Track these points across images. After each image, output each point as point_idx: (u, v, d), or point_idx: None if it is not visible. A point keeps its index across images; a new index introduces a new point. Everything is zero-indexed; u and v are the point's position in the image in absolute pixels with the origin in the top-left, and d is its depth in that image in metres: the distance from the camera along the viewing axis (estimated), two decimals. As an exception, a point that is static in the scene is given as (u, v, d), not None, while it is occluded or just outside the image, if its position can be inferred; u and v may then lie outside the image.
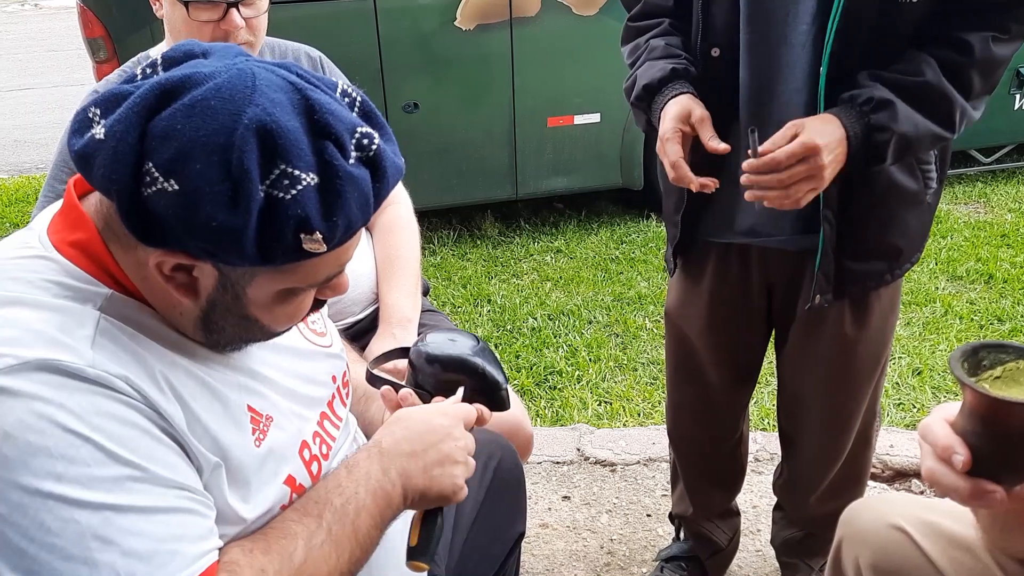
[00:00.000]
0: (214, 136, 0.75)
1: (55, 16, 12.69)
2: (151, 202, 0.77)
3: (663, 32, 1.54)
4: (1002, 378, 0.79)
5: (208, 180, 0.75)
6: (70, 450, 0.76)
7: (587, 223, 4.31)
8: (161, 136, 0.76)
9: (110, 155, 0.76)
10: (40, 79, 8.72)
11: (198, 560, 0.80)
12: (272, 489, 0.93)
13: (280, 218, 0.77)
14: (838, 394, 1.65)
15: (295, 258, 0.81)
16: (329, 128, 0.80)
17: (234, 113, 0.76)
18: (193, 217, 0.76)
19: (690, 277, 1.70)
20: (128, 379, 0.80)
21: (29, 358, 0.77)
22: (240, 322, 0.88)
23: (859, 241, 1.46)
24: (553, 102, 3.92)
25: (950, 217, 4.13)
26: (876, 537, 1.14)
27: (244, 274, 0.84)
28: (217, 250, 0.79)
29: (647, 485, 2.35)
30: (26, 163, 6.17)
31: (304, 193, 0.78)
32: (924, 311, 3.27)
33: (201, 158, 0.75)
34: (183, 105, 0.77)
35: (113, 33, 3.57)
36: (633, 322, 3.29)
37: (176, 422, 0.83)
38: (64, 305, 0.82)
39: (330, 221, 0.79)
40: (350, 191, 0.80)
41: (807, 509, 1.80)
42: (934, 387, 2.78)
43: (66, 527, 0.75)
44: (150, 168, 0.76)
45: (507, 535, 1.41)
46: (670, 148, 1.40)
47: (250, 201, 0.76)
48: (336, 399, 1.10)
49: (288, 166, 0.77)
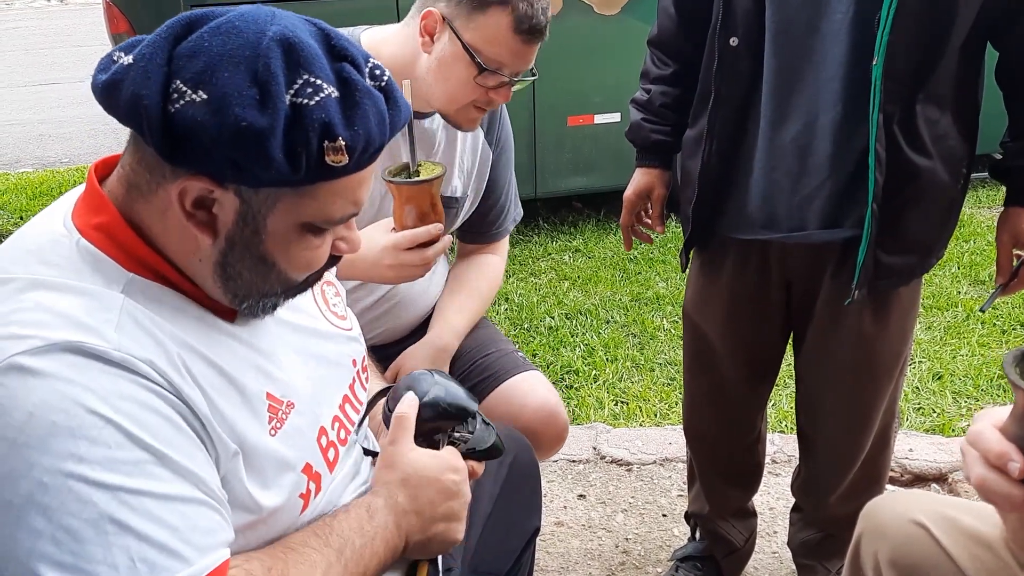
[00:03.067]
0: (240, 49, 0.79)
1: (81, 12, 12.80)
2: (179, 117, 0.78)
3: (669, 83, 1.68)
4: None
5: (236, 86, 0.78)
6: (92, 431, 0.76)
7: (606, 223, 4.30)
8: (188, 55, 0.79)
9: (139, 75, 0.79)
10: (65, 74, 8.79)
11: (210, 553, 0.81)
12: (289, 478, 0.93)
13: (305, 123, 0.79)
14: (857, 393, 1.64)
15: (318, 174, 0.82)
16: (345, 51, 0.84)
17: (258, 31, 0.80)
18: (222, 122, 0.77)
19: (708, 273, 1.70)
20: (152, 363, 0.81)
21: (55, 340, 0.77)
22: (257, 265, 0.88)
23: (896, 235, 1.46)
24: (573, 101, 3.90)
25: (972, 221, 4.08)
26: (896, 532, 1.13)
27: (266, 199, 0.84)
28: (244, 160, 0.79)
29: (663, 485, 2.34)
30: (51, 157, 6.23)
31: (326, 101, 0.80)
32: (945, 315, 3.24)
33: (228, 67, 0.78)
34: (208, 29, 0.81)
35: (138, 28, 3.60)
36: (651, 322, 3.28)
37: (198, 407, 0.84)
38: (89, 288, 0.82)
39: (352, 130, 0.82)
40: (368, 105, 0.83)
41: (825, 510, 1.79)
42: (955, 392, 2.76)
43: (84, 508, 0.75)
44: (178, 85, 0.78)
45: (522, 529, 1.41)
46: (624, 215, 1.80)
47: (277, 103, 0.78)
48: (356, 383, 1.10)
49: (311, 76, 0.80)
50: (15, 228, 4.72)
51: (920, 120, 1.40)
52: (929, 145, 1.42)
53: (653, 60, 1.71)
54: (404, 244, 1.39)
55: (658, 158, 1.73)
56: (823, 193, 1.47)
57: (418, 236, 1.39)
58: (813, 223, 1.50)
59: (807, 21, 1.39)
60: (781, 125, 1.45)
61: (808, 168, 1.46)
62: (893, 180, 1.40)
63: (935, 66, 1.37)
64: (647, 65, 1.73)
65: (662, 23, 1.68)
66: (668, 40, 1.67)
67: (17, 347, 0.77)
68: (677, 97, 1.66)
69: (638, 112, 1.73)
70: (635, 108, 1.74)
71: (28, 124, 7.16)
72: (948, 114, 1.43)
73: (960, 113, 1.45)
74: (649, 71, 1.72)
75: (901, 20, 1.31)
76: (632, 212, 1.79)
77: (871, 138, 1.38)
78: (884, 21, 1.31)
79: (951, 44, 1.36)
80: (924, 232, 1.50)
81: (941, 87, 1.40)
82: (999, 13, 1.38)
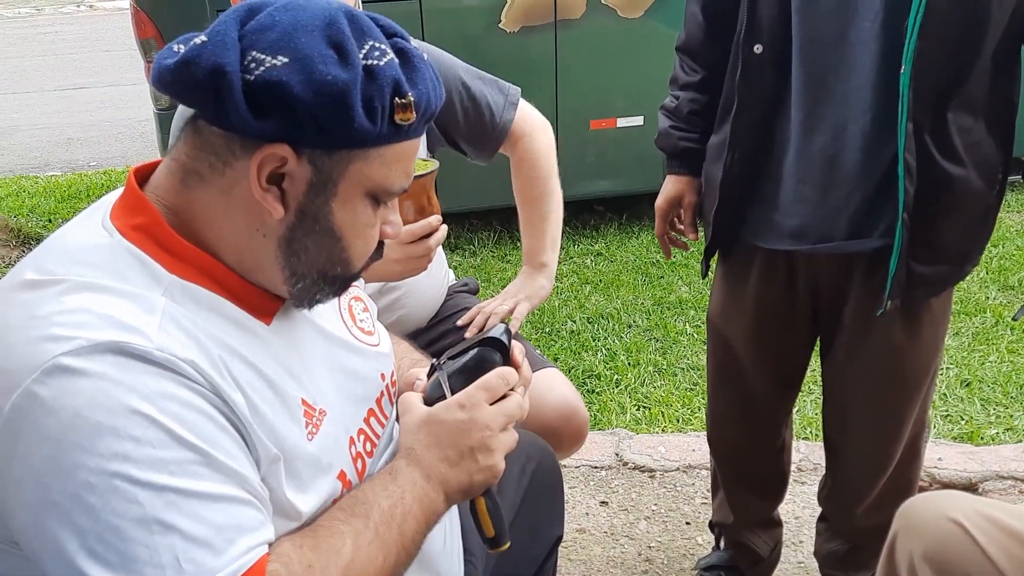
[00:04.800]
0: (312, 19, 0.84)
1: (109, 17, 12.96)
2: (260, 82, 0.81)
3: (697, 90, 1.67)
4: None
5: (316, 48, 0.82)
6: (138, 431, 0.76)
7: (628, 226, 4.28)
8: (259, 30, 0.83)
9: (217, 47, 0.81)
10: (93, 78, 8.91)
11: (252, 551, 0.81)
12: (325, 483, 0.93)
13: (379, 80, 0.85)
14: (886, 404, 1.61)
15: (389, 134, 0.87)
16: (392, 29, 0.91)
17: (324, 5, 0.86)
18: (308, 79, 0.81)
19: (734, 283, 1.68)
20: (195, 364, 0.81)
21: (100, 340, 0.78)
22: (323, 239, 0.90)
23: (929, 244, 1.43)
24: (596, 105, 3.90)
25: (1002, 226, 4.02)
26: (932, 530, 1.11)
27: (338, 163, 0.87)
28: (328, 117, 0.82)
29: (686, 492, 2.32)
30: (79, 160, 6.30)
31: (392, 63, 0.87)
32: (974, 321, 3.19)
33: (304, 34, 0.83)
34: (275, 8, 0.85)
35: (165, 33, 3.63)
36: (673, 327, 3.26)
37: (240, 409, 0.84)
38: (130, 290, 0.83)
39: (416, 89, 0.88)
40: (424, 68, 0.90)
41: (853, 521, 1.76)
42: (983, 399, 2.71)
43: (129, 508, 0.75)
44: (255, 55, 0.82)
45: (545, 538, 1.40)
46: (657, 223, 1.79)
47: (355, 60, 0.84)
48: (384, 397, 1.10)
49: (375, 41, 0.86)
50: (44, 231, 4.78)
51: (952, 128, 1.37)
52: (962, 153, 1.39)
53: (682, 67, 1.70)
54: (407, 238, 1.44)
55: (687, 165, 1.71)
56: (852, 203, 1.45)
57: (419, 230, 1.44)
58: (842, 233, 1.47)
59: (836, 30, 1.37)
60: (810, 135, 1.43)
61: (837, 178, 1.44)
62: (925, 189, 1.38)
63: (967, 73, 1.34)
64: (676, 71, 1.72)
65: (690, 30, 1.66)
66: (696, 47, 1.66)
67: (61, 348, 0.77)
68: (706, 104, 1.65)
69: (667, 119, 1.72)
70: (664, 115, 1.73)
71: (56, 128, 7.26)
72: (982, 121, 1.40)
73: (995, 119, 1.42)
74: (678, 77, 1.71)
75: (929, 27, 1.28)
76: (665, 220, 1.77)
77: (900, 147, 1.35)
78: (912, 28, 1.29)
79: (984, 50, 1.33)
80: (958, 241, 1.47)
81: (974, 93, 1.37)
82: None
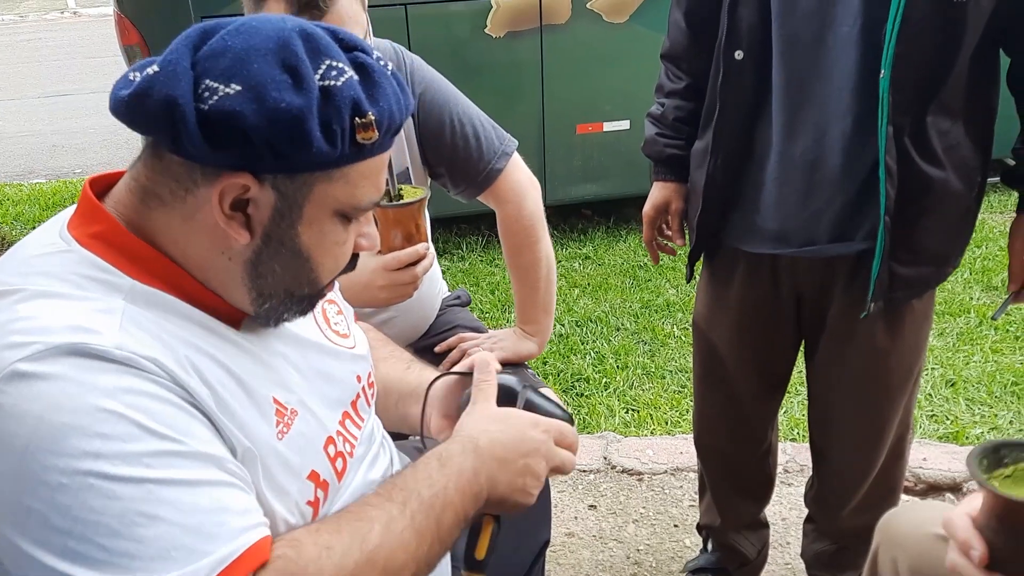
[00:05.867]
0: (265, 42, 0.82)
1: (93, 24, 12.91)
2: (214, 112, 0.79)
3: (683, 97, 1.68)
4: (1012, 477, 0.83)
5: (268, 73, 0.80)
6: (104, 427, 0.75)
7: (615, 230, 4.29)
8: (211, 56, 0.81)
9: (168, 78, 0.80)
10: (78, 85, 8.86)
11: (247, 532, 0.79)
12: (295, 485, 0.92)
13: (337, 101, 0.82)
14: (871, 406, 1.62)
15: (351, 154, 0.85)
16: (354, 42, 0.88)
17: (277, 27, 0.84)
18: (261, 107, 0.79)
19: (718, 286, 1.69)
20: (156, 360, 0.81)
21: (56, 343, 0.77)
22: (291, 260, 0.89)
23: (911, 247, 1.45)
24: (583, 109, 3.90)
25: (984, 226, 4.05)
26: (915, 544, 1.12)
27: (302, 186, 0.85)
28: (285, 143, 0.81)
29: (674, 495, 2.33)
30: (64, 167, 6.27)
31: (350, 81, 0.84)
32: (958, 321, 3.21)
33: (257, 59, 0.81)
34: (227, 31, 0.83)
35: (149, 40, 3.62)
36: (661, 330, 3.27)
37: (205, 401, 0.83)
38: (89, 296, 0.82)
39: (378, 106, 0.86)
40: (386, 84, 0.87)
41: (839, 522, 1.78)
42: (968, 399, 2.73)
43: (109, 505, 0.74)
44: (207, 84, 0.80)
45: (532, 542, 1.40)
46: (645, 230, 1.80)
47: (310, 84, 0.81)
48: (360, 399, 1.10)
49: (332, 60, 0.84)
50: (28, 239, 4.76)
51: (932, 131, 1.38)
52: (941, 156, 1.40)
53: (667, 74, 1.71)
54: (393, 265, 1.44)
55: (674, 172, 1.72)
56: (834, 206, 1.46)
57: (406, 257, 1.44)
58: (824, 236, 1.48)
59: (814, 33, 1.37)
60: (791, 139, 1.44)
61: (819, 182, 1.45)
62: (906, 192, 1.39)
63: (946, 76, 1.36)
64: (661, 79, 1.72)
65: (674, 37, 1.67)
66: (680, 54, 1.67)
67: (17, 354, 0.76)
68: (691, 111, 1.66)
69: (653, 126, 1.73)
70: (650, 122, 1.74)
71: (41, 135, 7.22)
72: (960, 123, 1.41)
73: (973, 122, 1.43)
74: (663, 85, 1.72)
75: (908, 31, 1.29)
76: (652, 227, 1.79)
77: (880, 151, 1.36)
78: (890, 33, 1.30)
79: (961, 53, 1.34)
80: (939, 243, 1.48)
81: (953, 97, 1.38)
82: (1010, 18, 1.36)
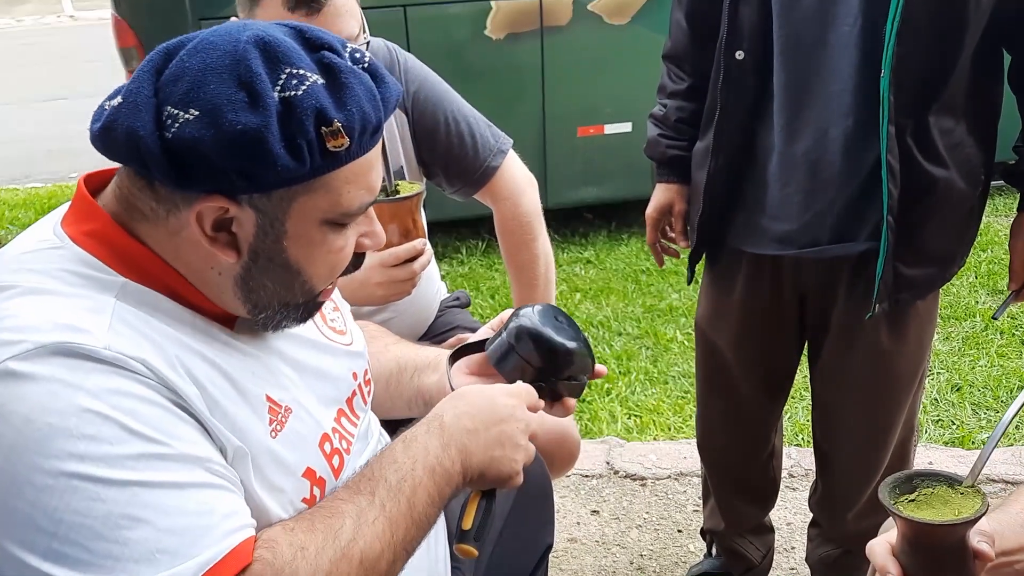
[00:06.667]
0: (220, 60, 0.80)
1: (90, 27, 12.90)
2: (177, 140, 0.78)
3: (685, 97, 1.66)
4: (916, 501, 0.89)
5: (224, 94, 0.78)
6: (90, 429, 0.75)
7: (617, 234, 4.27)
8: (172, 80, 0.80)
9: (130, 110, 0.80)
10: (74, 89, 8.84)
11: (232, 534, 0.79)
12: (290, 482, 0.91)
13: (299, 112, 0.79)
14: (875, 409, 1.61)
15: (324, 164, 0.82)
16: (321, 40, 0.85)
17: (233, 40, 0.81)
18: (218, 132, 0.78)
19: (721, 288, 1.67)
20: (145, 361, 0.80)
21: (45, 342, 0.77)
22: (282, 275, 0.88)
23: (915, 246, 1.43)
24: (584, 111, 3.88)
25: (990, 230, 4.03)
26: None
27: (280, 202, 0.83)
28: (249, 165, 0.79)
29: (678, 500, 2.30)
30: (61, 171, 6.24)
31: (313, 88, 0.81)
32: (964, 325, 3.19)
33: (213, 80, 0.79)
34: (185, 51, 0.82)
35: (145, 43, 3.60)
36: (664, 334, 3.24)
37: (194, 402, 0.82)
38: (80, 293, 0.82)
39: (345, 111, 0.82)
40: (355, 84, 0.83)
41: (844, 526, 1.75)
42: (974, 403, 2.71)
43: (94, 507, 0.74)
44: (169, 111, 0.79)
45: (535, 547, 1.39)
46: (648, 232, 1.78)
47: (267, 100, 0.79)
48: (357, 396, 1.08)
49: (293, 68, 0.81)
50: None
51: (934, 130, 1.37)
52: (944, 155, 1.39)
53: (669, 75, 1.70)
54: (390, 261, 1.41)
55: (676, 173, 1.71)
56: (837, 207, 1.45)
57: (403, 253, 1.41)
58: (827, 237, 1.47)
59: (815, 34, 1.37)
60: (792, 140, 1.43)
61: (821, 182, 1.44)
62: (909, 192, 1.38)
63: (947, 75, 1.35)
64: (663, 80, 1.71)
65: (676, 38, 1.66)
66: (682, 54, 1.66)
67: (7, 352, 0.76)
68: (693, 112, 1.64)
69: (655, 127, 1.71)
70: (652, 123, 1.72)
71: (38, 139, 7.20)
72: (963, 122, 1.40)
73: (976, 120, 1.42)
74: (665, 86, 1.70)
75: (907, 31, 1.28)
76: (656, 229, 1.77)
77: (882, 150, 1.35)
78: (890, 32, 1.29)
79: (963, 52, 1.33)
80: (944, 242, 1.47)
81: (955, 95, 1.37)
82: (1012, 17, 1.35)
